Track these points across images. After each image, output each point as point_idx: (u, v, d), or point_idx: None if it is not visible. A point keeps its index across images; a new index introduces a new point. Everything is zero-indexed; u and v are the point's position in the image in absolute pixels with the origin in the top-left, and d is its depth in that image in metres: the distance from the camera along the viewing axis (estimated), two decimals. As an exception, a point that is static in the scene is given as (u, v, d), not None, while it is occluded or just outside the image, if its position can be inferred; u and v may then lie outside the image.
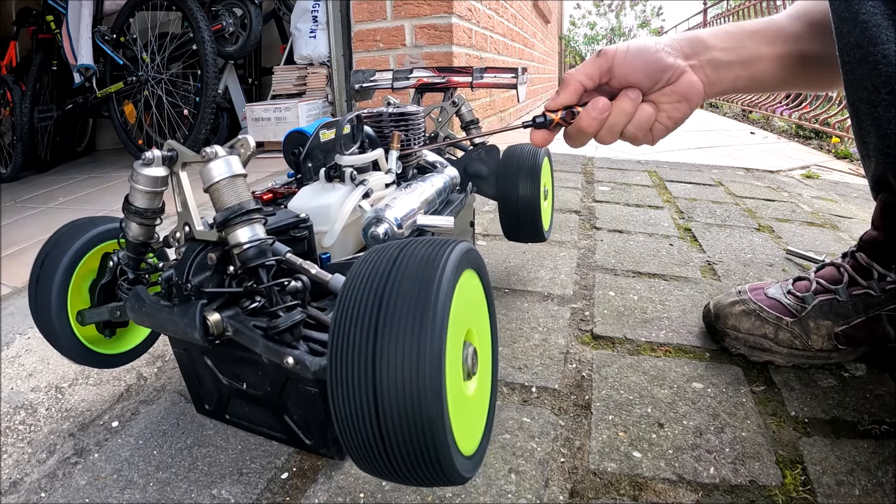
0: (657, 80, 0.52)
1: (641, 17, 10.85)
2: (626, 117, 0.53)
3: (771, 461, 0.51)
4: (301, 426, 0.51)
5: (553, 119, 0.54)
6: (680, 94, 0.53)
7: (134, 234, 0.51)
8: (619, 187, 1.58)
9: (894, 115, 0.47)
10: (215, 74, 1.85)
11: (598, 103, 0.52)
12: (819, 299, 0.65)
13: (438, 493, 0.48)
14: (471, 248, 0.39)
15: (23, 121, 2.29)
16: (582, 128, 0.53)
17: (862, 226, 1.26)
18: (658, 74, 0.52)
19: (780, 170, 1.95)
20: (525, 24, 3.68)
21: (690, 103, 0.53)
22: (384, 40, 1.84)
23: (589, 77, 0.53)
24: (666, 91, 0.53)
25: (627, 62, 0.52)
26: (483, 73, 0.89)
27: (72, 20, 2.12)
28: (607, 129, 0.53)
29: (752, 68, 0.56)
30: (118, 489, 0.50)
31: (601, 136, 0.54)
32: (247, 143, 0.46)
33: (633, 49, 0.52)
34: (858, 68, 0.48)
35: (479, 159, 0.84)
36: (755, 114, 3.91)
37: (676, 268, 0.97)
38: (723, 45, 0.55)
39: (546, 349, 0.71)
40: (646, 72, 0.52)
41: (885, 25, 0.46)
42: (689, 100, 0.53)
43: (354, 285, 0.35)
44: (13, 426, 0.58)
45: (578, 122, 0.53)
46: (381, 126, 0.71)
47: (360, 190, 0.60)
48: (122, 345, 0.59)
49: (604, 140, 0.54)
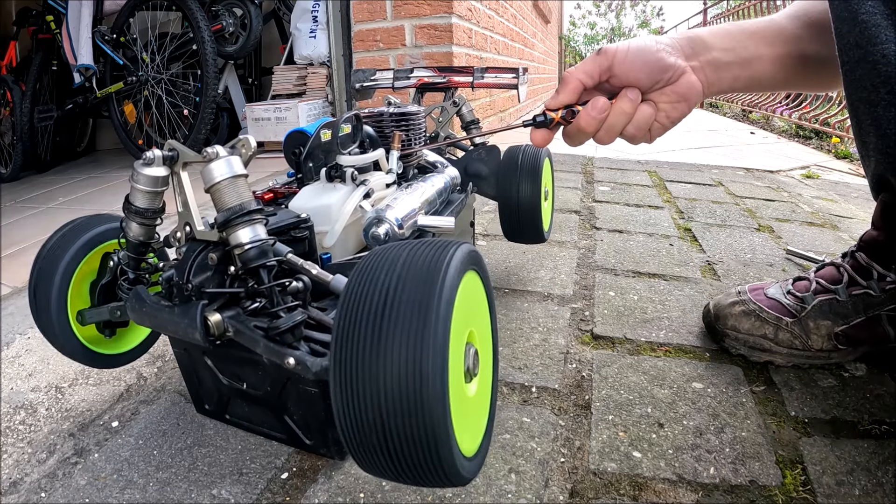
0: (657, 80, 0.52)
1: (641, 17, 10.86)
2: (626, 118, 0.53)
3: (771, 461, 0.51)
4: (301, 426, 0.51)
5: (553, 118, 0.54)
6: (679, 95, 0.53)
7: (134, 234, 0.51)
8: (619, 187, 1.58)
9: (894, 114, 0.47)
10: (215, 74, 1.85)
11: (598, 103, 0.52)
12: (819, 299, 0.65)
13: (438, 493, 0.48)
14: (473, 250, 0.39)
15: (23, 121, 2.29)
16: (581, 127, 0.53)
17: (862, 226, 1.26)
18: (658, 74, 0.52)
19: (780, 170, 1.95)
20: (525, 24, 3.68)
21: (689, 103, 0.54)
22: (384, 40, 1.84)
23: (588, 75, 0.53)
24: (666, 91, 0.53)
25: (628, 61, 0.52)
26: (484, 73, 0.89)
27: (72, 20, 2.12)
28: (606, 129, 0.53)
29: (752, 68, 0.56)
30: (118, 489, 0.50)
31: (600, 137, 0.54)
32: (248, 143, 0.46)
33: (633, 48, 0.52)
34: (858, 68, 0.48)
35: (479, 159, 0.84)
36: (755, 114, 3.91)
37: (676, 268, 0.97)
38: (723, 46, 0.55)
39: (546, 349, 0.71)
40: (646, 71, 0.52)
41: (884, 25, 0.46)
42: (688, 99, 0.53)
43: (357, 286, 0.35)
44: (13, 426, 0.58)
45: (578, 121, 0.53)
46: (381, 126, 0.71)
47: (361, 190, 0.60)
48: (122, 345, 0.59)
49: (602, 140, 0.54)
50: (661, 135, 0.55)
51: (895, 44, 0.45)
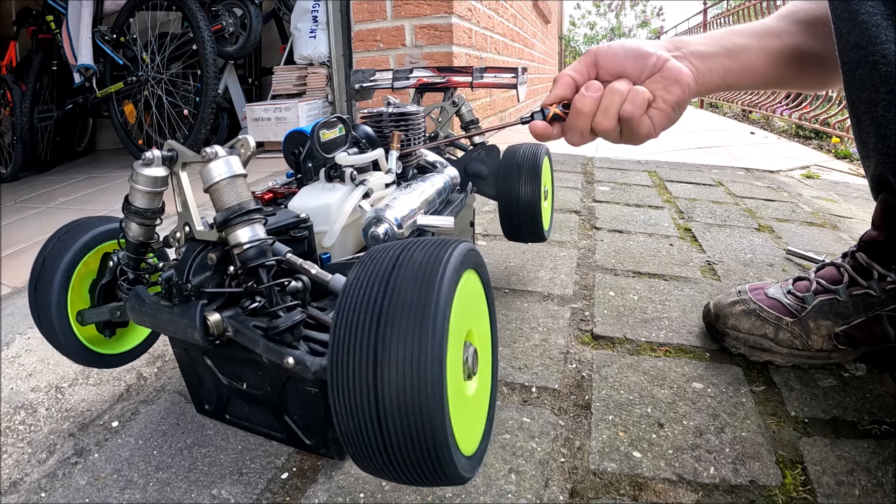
0: (642, 67, 0.54)
1: (641, 17, 10.86)
2: (620, 96, 0.53)
3: (771, 461, 0.51)
4: (301, 426, 0.51)
5: (550, 111, 0.55)
6: (669, 78, 0.54)
7: (134, 234, 0.51)
8: (619, 187, 1.58)
9: (894, 114, 0.47)
10: (215, 74, 1.85)
11: (592, 85, 0.54)
12: (819, 299, 0.65)
13: (438, 493, 0.48)
14: (472, 249, 0.39)
15: (23, 121, 2.29)
16: (578, 109, 0.54)
17: (862, 226, 1.26)
18: (641, 61, 0.54)
19: (780, 170, 1.95)
20: (525, 24, 3.68)
21: (682, 86, 0.54)
22: (384, 40, 1.84)
23: (577, 72, 0.56)
24: (655, 78, 0.54)
25: (611, 53, 0.55)
26: (483, 72, 0.89)
27: (72, 20, 2.12)
28: (603, 110, 0.53)
29: (740, 59, 0.57)
30: (118, 489, 0.50)
31: (598, 120, 0.54)
32: (247, 143, 0.46)
33: (615, 43, 0.56)
34: (858, 68, 0.49)
35: (479, 159, 0.84)
36: (755, 114, 3.91)
37: (676, 268, 0.97)
38: (704, 41, 0.57)
39: (546, 349, 0.71)
40: (630, 59, 0.54)
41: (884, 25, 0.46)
42: (680, 82, 0.54)
43: (356, 286, 0.35)
44: (13, 426, 0.58)
45: (574, 105, 0.54)
46: (381, 126, 0.71)
47: (361, 190, 0.60)
48: (122, 345, 0.59)
49: (601, 124, 0.54)
50: (665, 125, 0.55)
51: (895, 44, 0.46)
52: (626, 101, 0.53)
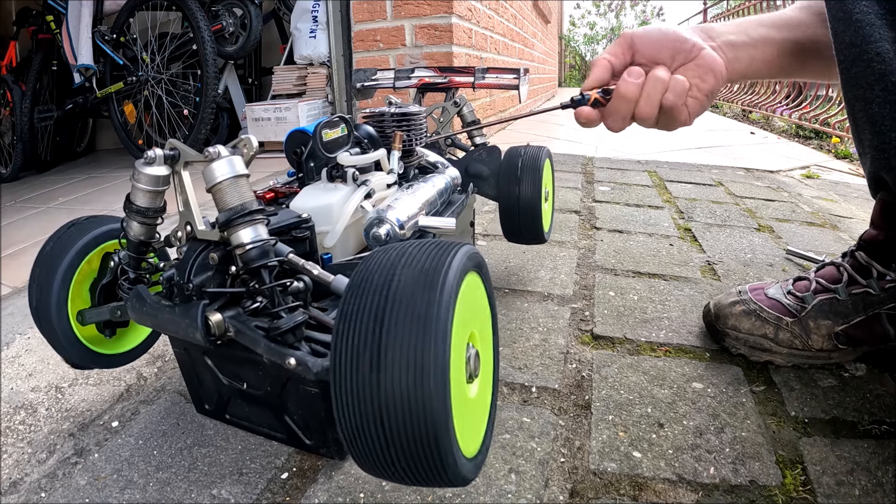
0: (678, 51, 0.54)
1: (641, 17, 10.86)
2: (662, 84, 0.54)
3: (771, 461, 0.52)
4: (301, 426, 0.51)
5: (591, 96, 0.55)
6: (704, 68, 0.54)
7: (135, 234, 0.51)
8: (619, 187, 1.58)
9: (888, 111, 0.48)
10: (215, 74, 1.85)
11: (633, 70, 0.54)
12: (819, 299, 0.65)
13: (438, 493, 0.48)
14: (474, 251, 0.39)
15: (23, 121, 2.29)
16: (622, 94, 0.54)
17: (862, 226, 1.26)
18: (679, 46, 0.54)
19: (780, 170, 1.95)
20: (525, 24, 3.68)
21: (715, 75, 0.54)
22: (384, 40, 1.84)
23: (614, 55, 0.56)
24: (690, 66, 0.54)
25: (647, 37, 0.55)
26: (485, 73, 0.89)
27: (72, 20, 2.12)
28: (646, 97, 0.54)
29: (765, 51, 0.58)
30: (118, 489, 0.50)
31: (640, 107, 0.54)
32: (250, 143, 0.46)
33: (652, 28, 0.56)
34: (853, 66, 0.49)
35: (480, 160, 0.84)
36: (755, 114, 3.91)
37: (676, 268, 0.97)
38: (733, 31, 0.58)
39: (546, 349, 0.71)
40: (667, 45, 0.54)
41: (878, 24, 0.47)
42: (714, 71, 0.54)
43: (359, 287, 0.35)
44: (13, 426, 0.58)
45: (618, 90, 0.54)
46: (383, 126, 0.71)
47: (362, 190, 0.60)
48: (123, 345, 0.59)
49: (643, 111, 0.54)
50: (698, 113, 0.56)
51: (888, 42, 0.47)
52: (668, 91, 0.54)
